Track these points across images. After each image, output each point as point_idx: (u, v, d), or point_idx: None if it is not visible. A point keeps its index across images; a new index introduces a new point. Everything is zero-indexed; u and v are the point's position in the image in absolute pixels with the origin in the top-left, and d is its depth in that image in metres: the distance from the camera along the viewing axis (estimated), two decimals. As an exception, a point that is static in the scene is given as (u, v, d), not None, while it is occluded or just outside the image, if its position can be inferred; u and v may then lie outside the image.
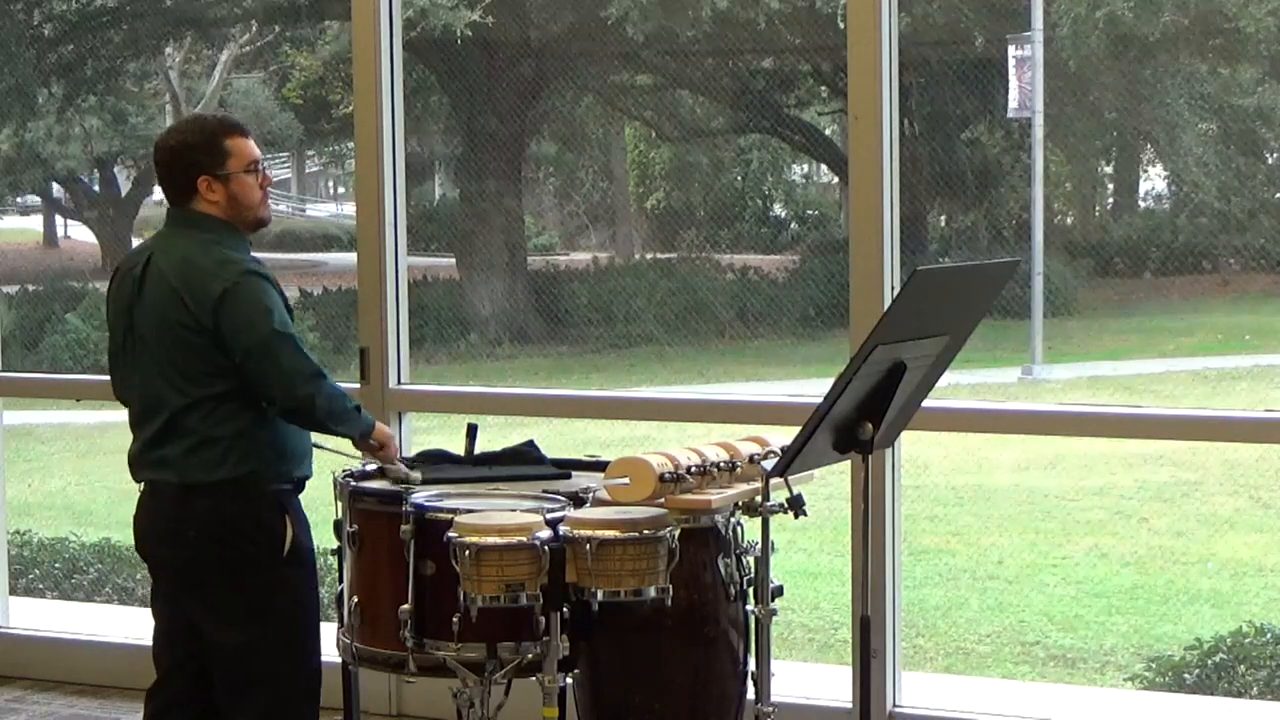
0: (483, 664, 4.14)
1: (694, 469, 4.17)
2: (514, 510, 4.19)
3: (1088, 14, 12.89)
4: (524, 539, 3.99)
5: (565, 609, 4.02)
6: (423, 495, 4.30)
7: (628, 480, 4.13)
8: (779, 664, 4.32)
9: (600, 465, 4.47)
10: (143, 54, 16.87)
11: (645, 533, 3.99)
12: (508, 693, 4.30)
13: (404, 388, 5.81)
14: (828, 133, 16.48)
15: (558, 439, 7.02)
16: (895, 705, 5.31)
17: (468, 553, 3.99)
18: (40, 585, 9.00)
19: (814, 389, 6.16)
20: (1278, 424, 5.29)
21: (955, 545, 10.20)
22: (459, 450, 4.69)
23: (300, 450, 4.37)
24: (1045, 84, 13.29)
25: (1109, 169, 16.41)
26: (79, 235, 20.56)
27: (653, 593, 3.98)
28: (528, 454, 4.74)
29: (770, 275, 15.93)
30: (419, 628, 4.18)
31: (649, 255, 16.96)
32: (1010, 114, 13.83)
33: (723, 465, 4.23)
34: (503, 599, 3.99)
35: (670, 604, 4.02)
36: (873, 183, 5.16)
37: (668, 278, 15.76)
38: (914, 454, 10.52)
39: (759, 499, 4.10)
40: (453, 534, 4.04)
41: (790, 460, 3.98)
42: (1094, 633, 8.68)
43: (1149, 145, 15.60)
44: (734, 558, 4.22)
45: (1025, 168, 14.15)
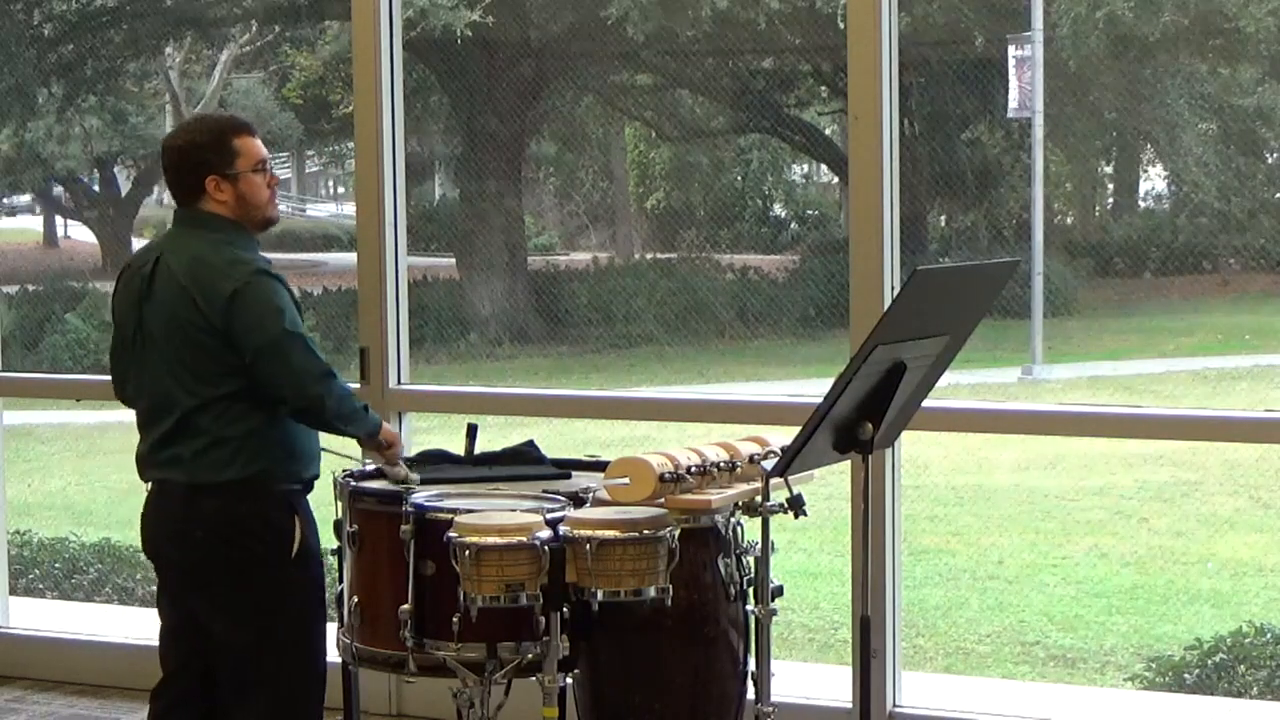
0: (483, 664, 4.14)
1: (694, 469, 4.17)
2: (514, 510, 4.19)
3: (1088, 14, 12.89)
4: (524, 539, 3.99)
5: (565, 609, 4.02)
6: (423, 495, 4.30)
7: (628, 480, 4.13)
8: (779, 664, 4.32)
9: (600, 465, 4.47)
10: (143, 54, 16.86)
11: (645, 533, 3.99)
12: (508, 693, 4.30)
13: (404, 388, 5.81)
14: (828, 133, 16.47)
15: (558, 439, 7.02)
16: (895, 705, 5.30)
17: (468, 553, 3.99)
18: (40, 585, 9.00)
19: (814, 389, 6.15)
20: (1278, 424, 5.29)
21: (955, 545, 10.20)
22: (459, 450, 4.69)
23: (310, 450, 4.37)
24: (1045, 84, 13.29)
25: (1109, 169, 16.41)
26: (79, 235, 20.56)
27: (653, 593, 3.98)
28: (528, 454, 4.74)
29: (770, 275, 15.92)
30: (419, 628, 4.17)
31: (649, 255, 16.95)
32: (1010, 114, 13.83)
33: (723, 465, 4.23)
34: (503, 599, 3.99)
35: (670, 604, 4.02)
36: (873, 183, 5.15)
37: (668, 278, 15.76)
38: (914, 454, 10.52)
39: (759, 499, 4.10)
40: (453, 534, 4.04)
41: (790, 460, 3.98)
42: (1094, 633, 8.67)
43: (1149, 145, 15.60)
44: (734, 558, 4.22)
45: (1025, 168, 14.15)
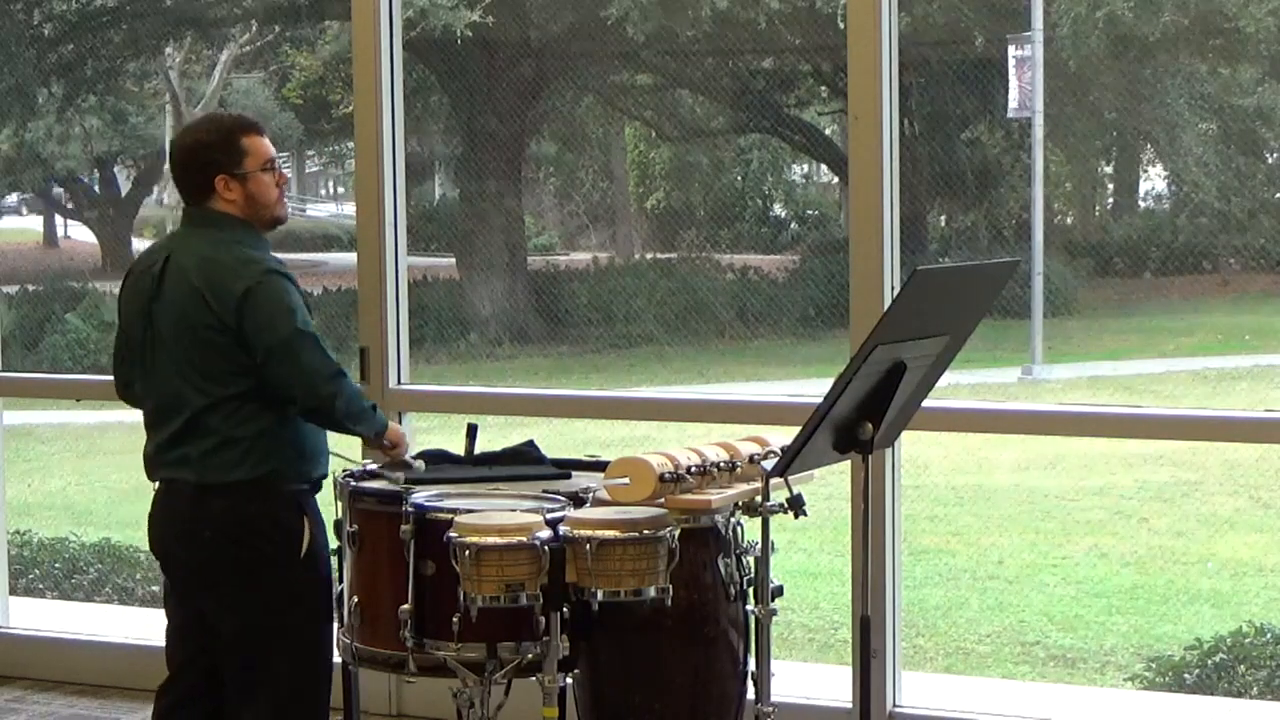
0: (483, 664, 4.14)
1: (694, 469, 4.16)
2: (514, 510, 4.19)
3: (1088, 14, 12.89)
4: (524, 539, 3.99)
5: (565, 609, 4.02)
6: (423, 495, 4.30)
7: (628, 480, 4.13)
8: (779, 664, 4.32)
9: (600, 465, 4.46)
10: (143, 54, 16.85)
11: (645, 533, 3.99)
12: (508, 693, 4.30)
13: (404, 388, 5.81)
14: (828, 133, 16.47)
15: (558, 439, 7.01)
16: (895, 705, 5.30)
17: (468, 553, 3.99)
18: (40, 585, 8.99)
19: (814, 389, 6.16)
20: (1278, 424, 5.29)
21: (955, 545, 10.20)
22: (459, 450, 4.69)
23: (319, 450, 4.37)
24: (1045, 84, 13.29)
25: (1109, 169, 16.40)
26: (79, 235, 20.56)
27: (653, 593, 3.98)
28: (528, 454, 4.74)
29: (770, 275, 15.92)
30: (419, 628, 4.17)
31: (649, 255, 16.94)
32: (1010, 114, 13.83)
33: (723, 465, 4.23)
34: (503, 599, 3.99)
35: (670, 604, 4.02)
36: (873, 183, 5.15)
37: (668, 278, 15.75)
38: (914, 454, 10.51)
39: (759, 499, 4.09)
40: (453, 534, 4.04)
41: (790, 460, 3.98)
42: (1094, 633, 8.67)
43: (1149, 145, 15.59)
44: (734, 558, 4.22)
45: (1025, 168, 14.14)
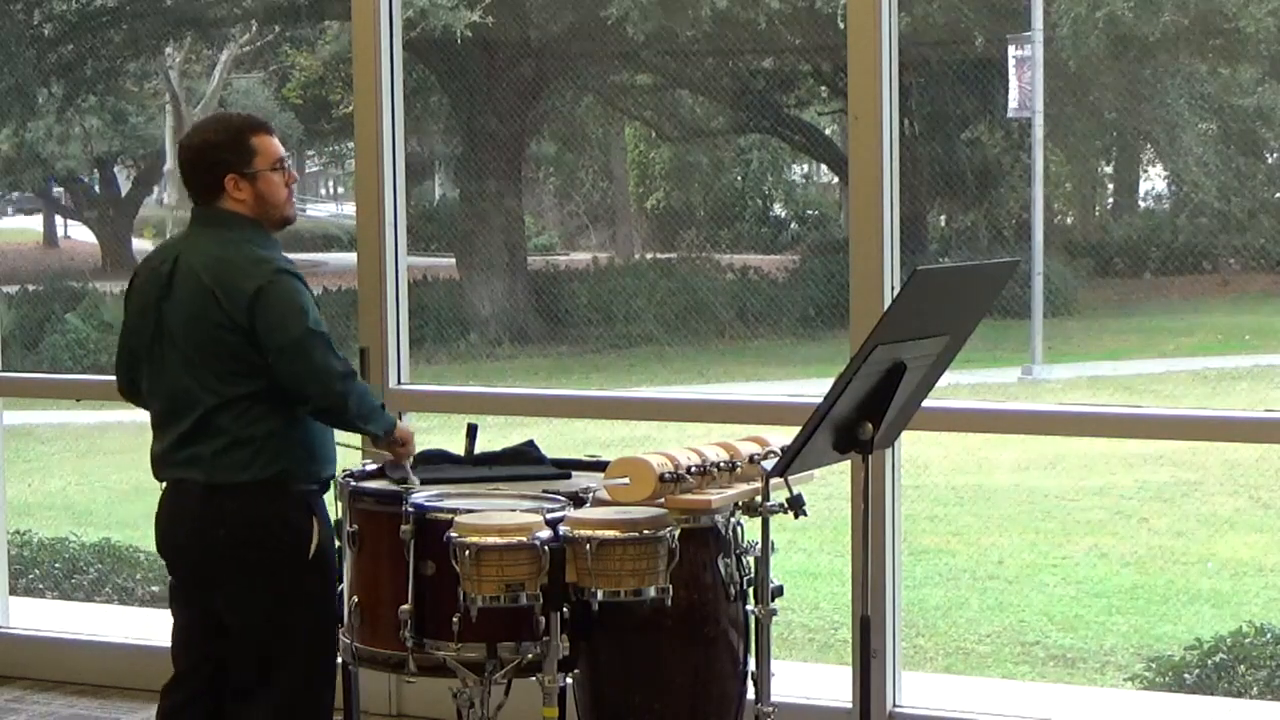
0: (483, 664, 4.14)
1: (694, 469, 4.16)
2: (514, 510, 4.19)
3: (1088, 14, 12.89)
4: (524, 539, 3.99)
5: (565, 609, 4.02)
6: (423, 495, 4.30)
7: (628, 480, 4.13)
8: (779, 664, 4.32)
9: (600, 465, 4.47)
10: (143, 54, 16.85)
11: (645, 533, 3.99)
12: (508, 693, 4.30)
13: (404, 388, 5.80)
14: (828, 133, 16.47)
15: (558, 439, 7.02)
16: (895, 705, 5.30)
17: (468, 553, 3.99)
18: (40, 585, 8.99)
19: (814, 389, 6.15)
20: (1278, 424, 5.28)
21: (955, 545, 10.19)
22: (459, 450, 4.69)
23: (328, 450, 4.37)
24: (1045, 84, 13.29)
25: (1109, 169, 16.41)
26: (79, 235, 20.55)
27: (653, 593, 3.98)
28: (528, 454, 4.74)
29: (770, 275, 15.92)
30: (419, 628, 4.17)
31: (649, 255, 16.94)
32: (1010, 114, 13.83)
33: (723, 465, 4.23)
34: (503, 599, 3.99)
35: (670, 604, 4.02)
36: (873, 183, 5.15)
37: (668, 278, 15.75)
38: (914, 454, 10.51)
39: (759, 499, 4.09)
40: (453, 534, 4.04)
41: (790, 460, 3.98)
42: (1094, 633, 8.67)
43: (1149, 145, 15.59)
44: (734, 558, 4.22)
45: (1025, 168, 14.15)
